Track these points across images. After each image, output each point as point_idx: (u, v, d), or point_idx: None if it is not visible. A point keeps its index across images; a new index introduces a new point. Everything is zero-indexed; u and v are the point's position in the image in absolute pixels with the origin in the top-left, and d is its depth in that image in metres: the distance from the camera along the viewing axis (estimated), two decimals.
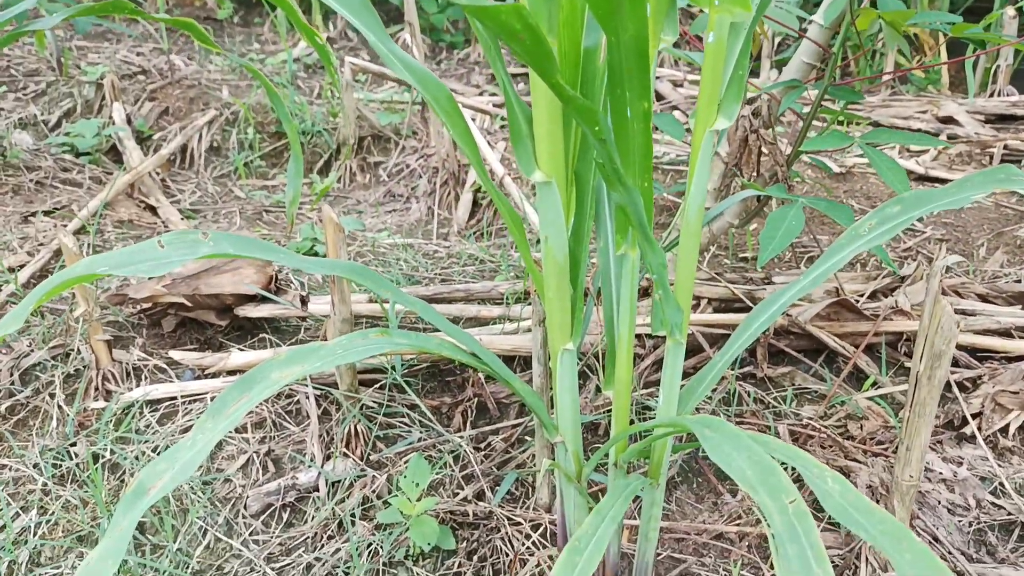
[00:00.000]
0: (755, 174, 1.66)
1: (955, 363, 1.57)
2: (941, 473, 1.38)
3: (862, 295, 1.63)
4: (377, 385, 1.46)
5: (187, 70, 3.23)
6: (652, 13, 0.84)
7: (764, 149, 1.61)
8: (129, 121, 2.83)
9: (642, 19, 0.74)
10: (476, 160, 0.92)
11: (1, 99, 3.05)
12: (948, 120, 2.76)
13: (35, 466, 1.39)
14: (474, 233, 2.17)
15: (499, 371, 0.97)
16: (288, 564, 1.24)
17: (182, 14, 4.24)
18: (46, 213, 2.25)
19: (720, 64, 0.85)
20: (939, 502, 1.33)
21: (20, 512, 1.33)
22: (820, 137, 1.42)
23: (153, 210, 2.34)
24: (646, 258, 0.88)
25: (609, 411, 1.42)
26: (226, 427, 0.76)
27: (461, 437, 1.39)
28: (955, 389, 1.48)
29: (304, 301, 1.52)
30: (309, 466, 1.36)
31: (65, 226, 2.13)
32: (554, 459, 1.09)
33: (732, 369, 1.50)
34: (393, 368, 1.45)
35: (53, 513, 1.32)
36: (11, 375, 1.54)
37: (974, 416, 1.45)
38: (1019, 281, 1.93)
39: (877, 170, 1.32)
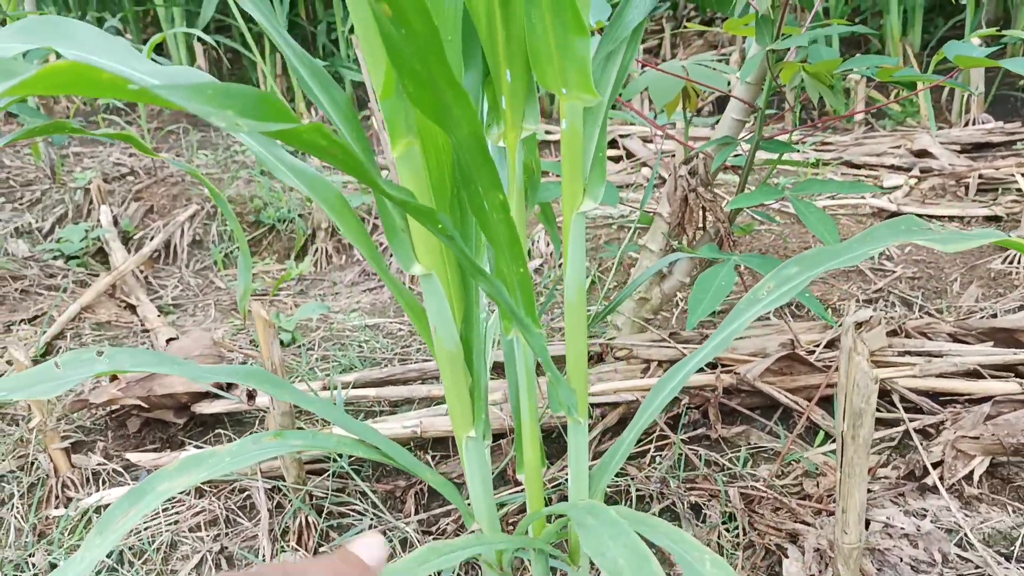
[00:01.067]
0: (700, 232, 1.66)
1: (917, 409, 1.53)
2: (903, 528, 1.33)
3: (818, 345, 1.60)
4: (326, 474, 1.46)
5: (174, 168, 3.34)
6: (508, 105, 0.86)
7: (706, 207, 1.61)
8: (115, 222, 2.92)
9: (473, 117, 0.75)
10: (373, 257, 0.93)
11: None
12: (922, 153, 2.75)
13: None
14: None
15: (404, 462, 0.97)
16: None
17: (171, 113, 4.39)
18: (28, 321, 2.31)
19: (579, 149, 0.86)
20: (901, 559, 1.29)
21: None
22: (750, 194, 1.42)
23: (133, 309, 2.39)
24: (528, 342, 0.89)
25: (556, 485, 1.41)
26: (113, 540, 0.76)
27: (409, 523, 1.37)
28: (915, 437, 1.44)
29: (251, 395, 1.53)
30: (259, 563, 1.35)
31: (43, 333, 2.18)
32: None
33: (679, 433, 1.48)
34: (340, 456, 1.45)
35: None
36: None
37: (935, 465, 1.41)
38: (994, 315, 1.89)
39: (805, 222, 1.32)
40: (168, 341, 1.94)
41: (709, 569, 0.72)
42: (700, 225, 1.67)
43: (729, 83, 1.63)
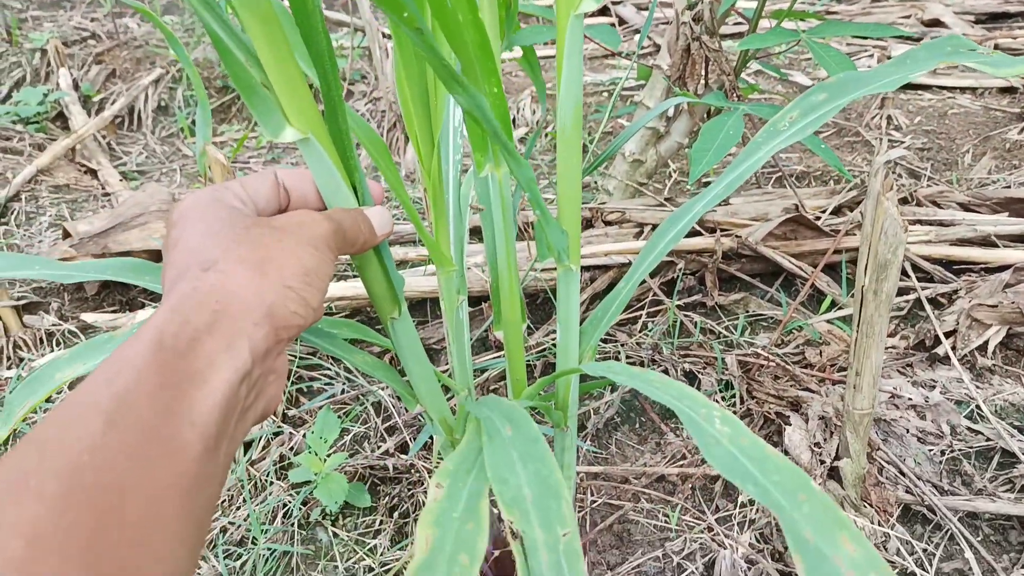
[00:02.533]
0: (703, 87, 1.52)
1: (929, 277, 1.44)
2: (911, 399, 1.26)
3: (825, 211, 1.49)
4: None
5: (139, 31, 3.11)
6: None
7: (709, 58, 1.46)
8: (76, 86, 2.73)
9: None
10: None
11: None
12: (934, 23, 2.58)
13: None
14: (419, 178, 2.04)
15: (335, 347, 0.83)
16: None
17: None
18: None
19: None
20: (907, 431, 1.22)
21: None
22: (763, 34, 1.28)
23: (94, 173, 2.24)
24: (512, 172, 0.76)
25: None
26: (8, 430, 0.68)
27: (384, 388, 1.29)
28: (927, 306, 1.36)
29: None
30: None
31: None
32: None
33: (674, 299, 1.38)
34: None
35: None
36: None
37: (948, 335, 1.32)
38: (1008, 187, 1.78)
39: (822, 64, 1.18)
40: (122, 202, 1.81)
41: (719, 427, 0.60)
42: (703, 78, 1.53)
43: None
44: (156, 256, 1.48)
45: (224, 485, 0.48)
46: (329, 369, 1.35)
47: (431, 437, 1.22)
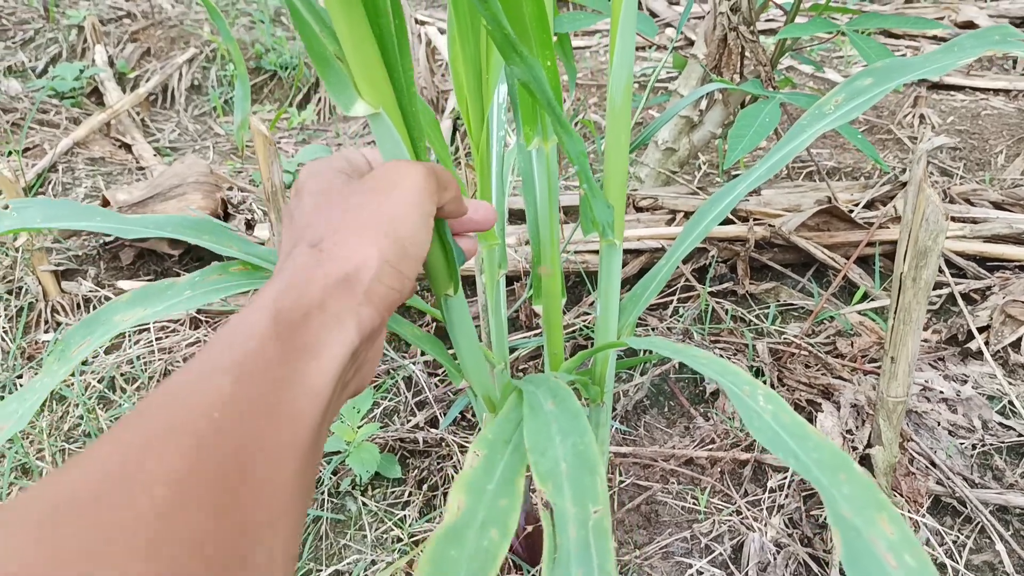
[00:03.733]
0: (738, 77, 1.52)
1: (962, 273, 1.43)
2: (942, 392, 1.26)
3: (857, 204, 1.49)
4: None
5: (173, 12, 3.14)
6: None
7: (746, 48, 1.46)
8: (111, 63, 2.76)
9: None
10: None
11: None
12: (968, 25, 2.56)
13: None
14: (452, 159, 2.06)
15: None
16: None
17: None
18: (19, 153, 2.19)
19: None
20: (939, 423, 1.22)
21: None
22: (803, 24, 1.28)
23: (128, 148, 2.27)
24: (563, 146, 0.77)
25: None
26: (68, 370, 0.70)
27: (415, 363, 1.30)
28: (960, 302, 1.35)
29: (250, 225, 1.43)
30: None
31: (33, 165, 2.07)
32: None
33: (706, 286, 1.38)
34: None
35: None
36: None
37: (981, 330, 1.32)
38: None
39: (862, 55, 1.18)
40: (162, 173, 1.83)
41: (762, 404, 0.61)
42: (739, 69, 1.53)
43: None
44: None
45: None
46: None
47: (461, 412, 1.23)
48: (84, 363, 1.36)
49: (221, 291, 0.74)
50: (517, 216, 1.55)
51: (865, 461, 1.07)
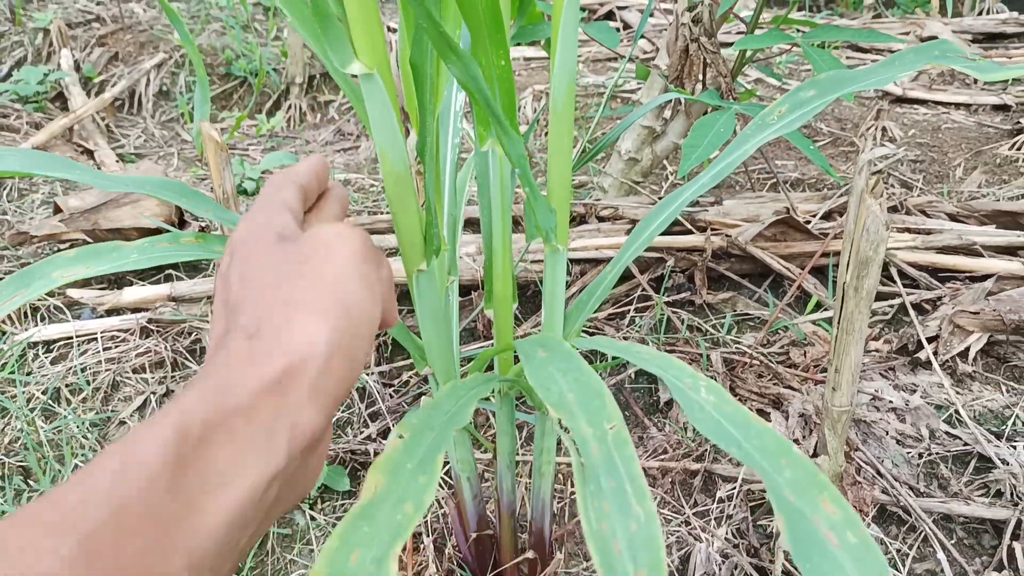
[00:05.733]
0: (700, 87, 1.53)
1: (914, 284, 1.45)
2: (891, 402, 1.27)
3: (815, 215, 1.50)
4: None
5: (144, 16, 3.11)
6: None
7: (707, 59, 1.47)
8: (77, 67, 2.73)
9: None
10: (315, 41, 0.80)
11: None
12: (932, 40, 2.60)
13: None
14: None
15: None
16: None
17: None
18: None
19: None
20: (887, 432, 1.22)
21: None
22: (759, 36, 1.29)
23: (90, 154, 2.24)
24: (504, 148, 0.77)
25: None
26: None
27: (370, 374, 1.29)
28: (911, 312, 1.36)
29: (204, 230, 1.42)
30: None
31: None
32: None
33: (662, 295, 1.39)
34: None
35: None
36: None
37: (931, 340, 1.33)
38: (997, 200, 1.80)
39: (813, 65, 1.20)
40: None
41: (704, 396, 0.61)
42: (700, 79, 1.54)
43: None
44: (146, 234, 1.48)
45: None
46: None
47: None
48: (28, 373, 1.33)
49: (168, 258, 0.72)
50: (475, 224, 1.54)
51: None
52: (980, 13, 2.91)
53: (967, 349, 1.31)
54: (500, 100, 0.77)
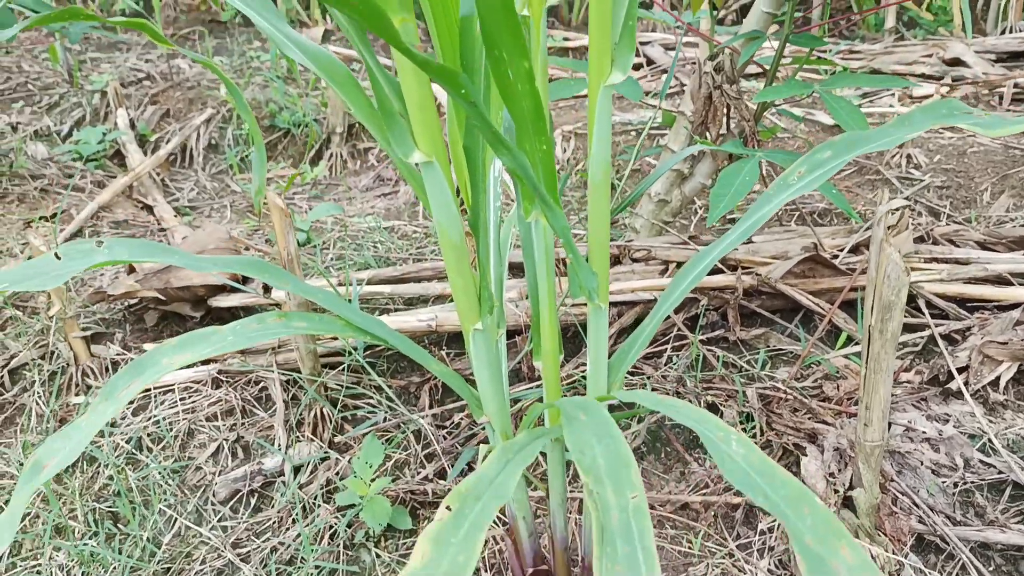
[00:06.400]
0: (723, 132, 1.60)
1: (943, 315, 1.50)
2: (925, 432, 1.32)
3: (842, 249, 1.56)
4: (341, 368, 1.46)
5: (190, 72, 3.28)
6: None
7: (730, 105, 1.55)
8: (132, 125, 2.89)
9: None
10: (382, 136, 0.89)
11: (19, 114, 3.13)
12: (955, 62, 2.64)
13: (19, 463, 1.42)
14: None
15: (411, 352, 0.95)
16: (254, 549, 1.25)
17: (188, 19, 4.30)
18: (46, 219, 2.30)
19: (607, 15, 0.81)
20: (922, 463, 1.28)
21: (3, 507, 1.36)
22: (779, 86, 1.37)
23: (150, 209, 2.38)
24: (549, 222, 0.86)
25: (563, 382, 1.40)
26: (116, 409, 0.77)
27: (424, 416, 1.38)
28: (940, 343, 1.42)
29: (267, 288, 1.52)
30: (275, 452, 1.36)
31: (62, 230, 2.18)
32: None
33: (697, 333, 1.46)
34: (355, 350, 1.44)
35: (33, 506, 1.35)
36: (0, 375, 1.58)
37: (961, 370, 1.38)
38: None
39: (834, 115, 1.27)
40: (184, 239, 1.93)
41: (735, 448, 0.70)
42: (724, 124, 1.61)
43: None
44: (213, 291, 1.59)
45: None
46: (372, 398, 1.44)
47: (468, 464, 1.30)
48: (112, 424, 1.44)
49: (259, 337, 0.84)
50: (517, 269, 1.63)
51: (848, 503, 1.13)
52: (1003, 32, 2.94)
53: (997, 378, 1.36)
54: (544, 181, 0.86)
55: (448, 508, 0.63)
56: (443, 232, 0.88)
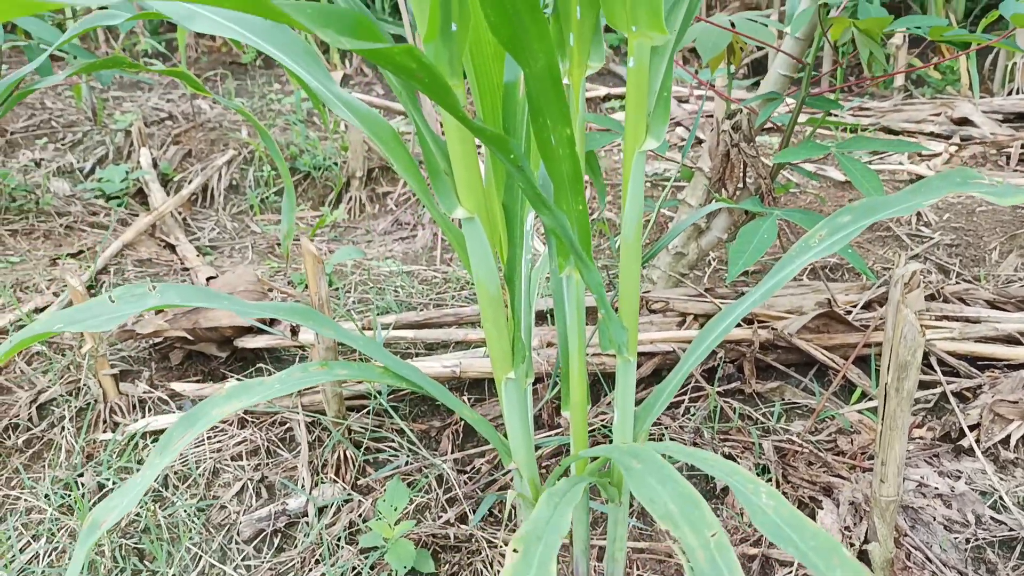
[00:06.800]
0: (740, 188, 1.66)
1: (954, 372, 1.53)
2: (937, 488, 1.34)
3: (856, 305, 1.60)
4: (365, 411, 1.49)
5: (211, 113, 3.36)
6: (576, 42, 0.86)
7: (747, 163, 1.61)
8: (155, 165, 2.95)
9: (550, 50, 0.76)
10: (423, 193, 0.94)
11: (42, 150, 3.21)
12: (963, 121, 2.71)
13: (46, 496, 1.45)
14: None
15: (444, 399, 0.99)
16: None
17: (209, 61, 4.41)
18: (72, 255, 2.35)
19: (644, 87, 0.87)
20: (934, 518, 1.30)
21: (31, 540, 1.39)
22: (796, 148, 1.42)
23: (172, 248, 2.43)
24: (584, 278, 0.90)
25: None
26: (170, 460, 0.81)
27: (445, 461, 1.40)
28: (952, 400, 1.45)
29: (295, 331, 1.56)
30: (299, 492, 1.39)
31: (88, 268, 2.23)
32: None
33: (715, 385, 1.49)
34: (379, 394, 1.47)
35: (59, 541, 1.37)
36: (29, 409, 1.61)
37: (972, 428, 1.41)
38: None
39: (850, 177, 1.31)
40: (208, 279, 1.97)
41: (765, 500, 0.73)
42: (741, 181, 1.67)
43: (780, 36, 1.62)
44: (240, 332, 1.63)
45: None
46: (394, 441, 1.47)
47: (489, 510, 1.33)
48: (139, 461, 1.47)
49: (303, 384, 0.89)
50: (540, 318, 1.67)
51: (863, 556, 1.16)
52: (1010, 93, 3.02)
53: (1008, 436, 1.39)
54: (579, 238, 0.91)
55: (515, 551, 0.67)
56: (481, 284, 0.93)
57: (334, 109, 0.94)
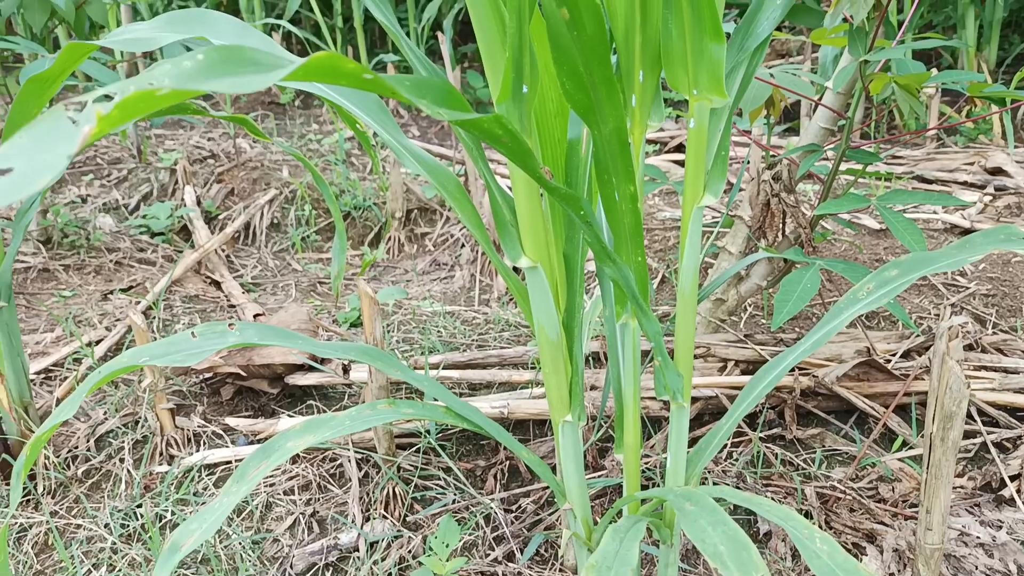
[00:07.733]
0: (780, 237, 1.70)
1: (994, 423, 1.55)
2: (979, 537, 1.36)
3: (894, 354, 1.63)
4: (414, 448, 1.53)
5: (252, 152, 3.46)
6: (638, 104, 0.92)
7: (787, 212, 1.65)
8: (199, 202, 3.04)
9: (620, 114, 0.82)
10: (483, 238, 1.00)
11: (88, 186, 3.32)
12: (997, 171, 2.74)
13: (106, 526, 1.49)
14: (511, 299, 2.25)
15: (504, 441, 1.03)
16: None
17: (248, 100, 4.53)
18: (123, 291, 2.43)
19: (703, 146, 0.92)
20: (976, 567, 1.31)
21: (92, 569, 1.43)
22: (838, 200, 1.46)
23: (218, 285, 2.50)
24: (643, 327, 0.94)
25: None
26: (247, 489, 0.85)
27: (492, 499, 1.44)
28: (993, 450, 1.46)
29: (346, 369, 1.61)
30: (350, 527, 1.43)
31: (138, 303, 2.30)
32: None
33: (757, 431, 1.52)
34: (428, 432, 1.52)
35: (120, 570, 1.41)
36: (87, 441, 1.67)
37: (1013, 478, 1.43)
38: None
39: (892, 230, 1.35)
40: (255, 316, 2.04)
41: (819, 545, 0.77)
42: (780, 230, 1.71)
43: (823, 89, 1.67)
44: (291, 369, 1.68)
45: None
46: (441, 479, 1.51)
47: (537, 549, 1.36)
48: (194, 493, 1.52)
49: (372, 422, 0.94)
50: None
51: None
52: None
53: None
54: (638, 287, 0.95)
55: None
56: (541, 331, 0.97)
57: (402, 160, 1.00)
